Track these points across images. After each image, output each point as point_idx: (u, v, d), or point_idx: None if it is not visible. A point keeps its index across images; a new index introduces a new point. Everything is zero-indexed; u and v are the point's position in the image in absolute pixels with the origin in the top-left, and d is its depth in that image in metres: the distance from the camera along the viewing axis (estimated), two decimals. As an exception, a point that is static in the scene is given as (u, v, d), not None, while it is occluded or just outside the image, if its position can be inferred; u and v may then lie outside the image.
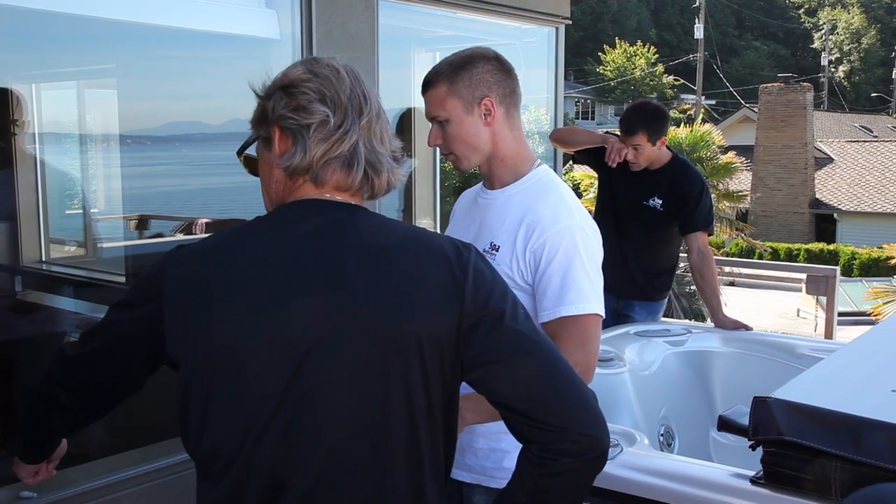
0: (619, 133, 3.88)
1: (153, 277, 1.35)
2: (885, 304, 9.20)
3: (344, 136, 1.34)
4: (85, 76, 4.19)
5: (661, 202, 3.84)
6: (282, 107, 1.36)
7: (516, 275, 1.89)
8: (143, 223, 4.50)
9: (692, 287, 8.78)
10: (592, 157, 4.10)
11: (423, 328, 1.30)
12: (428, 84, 1.94)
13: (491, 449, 1.95)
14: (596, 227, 1.95)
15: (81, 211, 4.38)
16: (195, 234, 4.15)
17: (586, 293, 1.84)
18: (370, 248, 1.33)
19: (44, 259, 3.94)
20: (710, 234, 3.86)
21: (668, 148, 3.95)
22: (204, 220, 4.18)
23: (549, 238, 1.85)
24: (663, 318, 4.09)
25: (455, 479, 1.99)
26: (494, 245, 1.93)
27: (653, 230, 3.90)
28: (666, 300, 4.08)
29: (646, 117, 3.83)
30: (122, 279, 3.88)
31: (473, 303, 1.32)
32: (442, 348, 1.31)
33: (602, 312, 1.88)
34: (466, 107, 1.90)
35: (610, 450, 2.09)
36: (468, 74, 1.90)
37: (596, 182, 11.81)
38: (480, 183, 2.11)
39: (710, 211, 3.88)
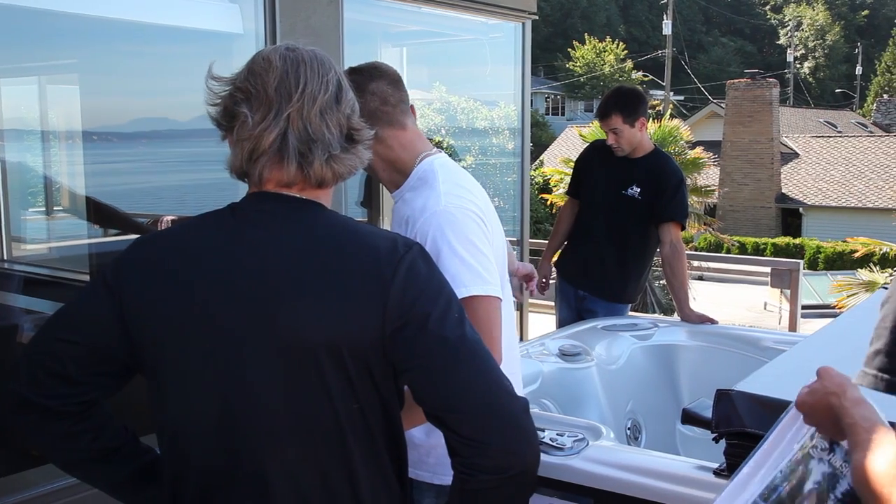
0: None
1: (114, 268, 1.36)
2: (849, 296, 9.30)
3: (264, 132, 1.31)
4: (46, 71, 4.12)
5: (639, 190, 3.85)
6: (215, 113, 1.38)
7: None
8: (108, 220, 4.43)
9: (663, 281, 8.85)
10: (576, 180, 4.20)
11: (340, 334, 1.27)
12: None
13: (432, 445, 1.91)
14: (471, 207, 1.87)
15: (44, 208, 4.32)
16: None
17: (461, 277, 1.74)
18: (296, 249, 1.31)
19: (6, 258, 3.88)
20: (682, 228, 3.88)
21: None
22: (170, 218, 4.13)
23: (418, 231, 1.82)
24: (631, 313, 4.12)
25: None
26: None
27: (630, 222, 3.90)
28: (627, 310, 4.09)
29: (618, 99, 3.88)
30: (87, 277, 3.83)
31: (399, 305, 1.27)
32: (366, 353, 1.28)
33: (486, 291, 1.76)
34: None
35: (576, 444, 2.12)
36: None
37: (566, 178, 11.84)
38: None
39: (686, 204, 3.91)
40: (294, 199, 1.35)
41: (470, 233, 1.82)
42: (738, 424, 1.88)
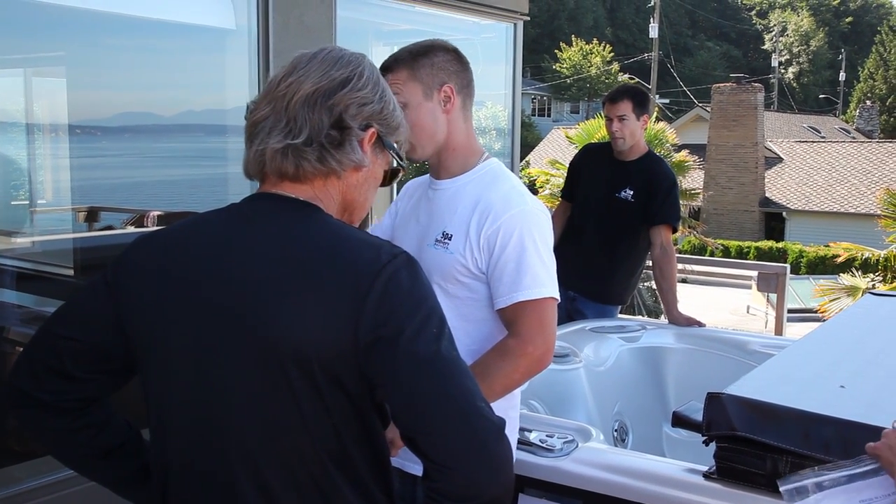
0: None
1: (114, 267, 1.36)
2: (831, 301, 9.38)
3: (254, 116, 1.33)
4: (32, 63, 4.08)
5: (632, 193, 3.87)
6: None
7: (470, 263, 1.89)
8: (92, 215, 4.39)
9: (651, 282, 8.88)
10: (570, 183, 4.23)
11: (309, 344, 1.20)
12: (387, 69, 1.91)
13: None
14: (547, 213, 1.97)
15: (28, 202, 4.28)
16: (146, 226, 4.07)
17: (541, 278, 1.85)
18: (276, 253, 1.27)
19: (-12, 251, 3.83)
20: (674, 231, 3.90)
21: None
22: (156, 213, 4.10)
23: (503, 223, 1.86)
24: (619, 315, 4.12)
25: (409, 472, 1.95)
26: (447, 234, 1.93)
27: (622, 224, 3.91)
28: (617, 311, 4.10)
29: (629, 88, 4.02)
30: (70, 272, 3.79)
31: (373, 318, 1.20)
32: (336, 366, 1.21)
33: (557, 296, 1.89)
34: (426, 92, 1.91)
35: (565, 445, 2.12)
36: (429, 61, 1.92)
37: (551, 179, 11.83)
38: (427, 175, 2.10)
39: (678, 207, 3.94)
40: (287, 199, 1.32)
41: (548, 238, 1.92)
42: (728, 428, 1.88)
